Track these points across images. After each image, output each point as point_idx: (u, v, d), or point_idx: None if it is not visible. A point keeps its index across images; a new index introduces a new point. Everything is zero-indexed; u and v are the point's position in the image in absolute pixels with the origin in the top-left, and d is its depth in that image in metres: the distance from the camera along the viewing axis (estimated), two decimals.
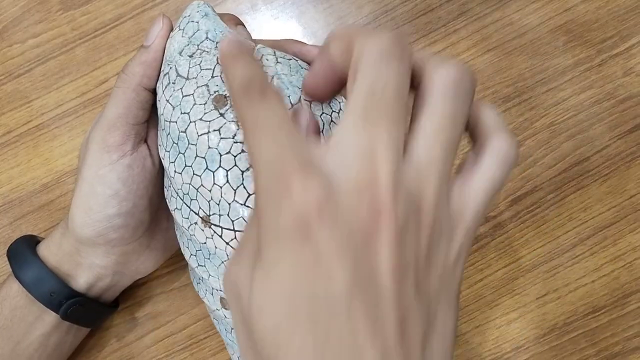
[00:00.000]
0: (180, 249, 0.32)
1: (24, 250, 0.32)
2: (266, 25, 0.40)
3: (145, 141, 0.31)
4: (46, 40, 0.40)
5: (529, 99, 0.39)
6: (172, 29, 0.29)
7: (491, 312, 0.37)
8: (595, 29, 0.39)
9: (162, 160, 0.29)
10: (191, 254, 0.29)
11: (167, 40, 0.29)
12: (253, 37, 0.31)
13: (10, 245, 0.33)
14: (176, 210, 0.29)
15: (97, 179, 0.29)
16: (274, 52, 0.28)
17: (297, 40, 0.30)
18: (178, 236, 0.31)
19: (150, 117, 0.31)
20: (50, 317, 0.32)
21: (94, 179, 0.29)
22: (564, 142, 0.38)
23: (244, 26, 0.31)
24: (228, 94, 0.26)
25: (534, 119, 0.38)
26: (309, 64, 0.29)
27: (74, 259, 0.32)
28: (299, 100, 0.27)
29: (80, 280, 0.32)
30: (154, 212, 0.33)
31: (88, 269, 0.32)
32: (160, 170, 0.32)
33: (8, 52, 0.40)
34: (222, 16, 0.30)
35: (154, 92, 0.30)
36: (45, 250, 0.32)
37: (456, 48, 0.39)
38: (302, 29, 0.40)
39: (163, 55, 0.29)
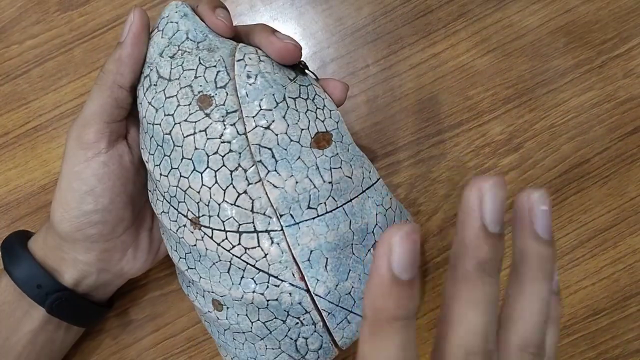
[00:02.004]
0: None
1: (15, 244, 0.33)
2: None
3: (126, 139, 0.31)
4: (44, 41, 0.40)
5: (529, 101, 0.38)
6: (148, 26, 0.29)
7: None
8: (596, 31, 0.39)
9: (146, 164, 0.28)
10: (180, 257, 0.29)
11: (139, 36, 0.28)
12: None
13: (4, 240, 0.33)
14: (163, 213, 0.28)
15: (73, 175, 0.29)
16: (257, 51, 0.27)
17: (265, 27, 0.28)
18: (165, 240, 0.30)
19: (130, 116, 0.31)
20: (38, 313, 0.32)
21: (70, 175, 0.30)
22: (564, 144, 0.38)
23: (226, 8, 0.29)
24: (213, 94, 0.26)
25: (534, 121, 0.38)
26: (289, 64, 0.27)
27: (57, 254, 0.32)
28: (284, 98, 0.26)
29: (66, 276, 0.32)
30: (137, 211, 0.33)
31: (72, 265, 0.32)
32: (140, 168, 0.31)
33: (6, 53, 0.40)
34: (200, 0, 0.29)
35: (131, 91, 0.29)
36: (34, 245, 0.33)
37: (456, 49, 0.39)
38: (301, 30, 0.40)
39: (137, 52, 0.28)
